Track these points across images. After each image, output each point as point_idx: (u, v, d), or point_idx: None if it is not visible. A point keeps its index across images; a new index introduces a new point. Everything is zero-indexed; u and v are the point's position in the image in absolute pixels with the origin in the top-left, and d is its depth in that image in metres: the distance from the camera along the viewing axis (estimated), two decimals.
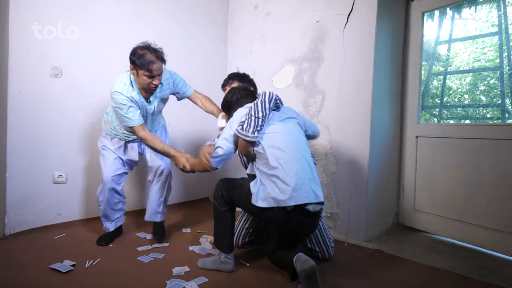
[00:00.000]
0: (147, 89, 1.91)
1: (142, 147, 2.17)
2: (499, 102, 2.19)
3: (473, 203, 2.16)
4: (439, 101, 2.51)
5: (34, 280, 1.57)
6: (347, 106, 2.32)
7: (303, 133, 1.76)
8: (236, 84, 2.04)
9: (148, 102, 1.99)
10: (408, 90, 2.47)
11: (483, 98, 2.35)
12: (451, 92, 2.49)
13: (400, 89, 2.49)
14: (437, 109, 2.52)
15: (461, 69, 2.46)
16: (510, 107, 2.15)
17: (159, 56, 1.85)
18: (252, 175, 1.69)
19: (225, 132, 1.72)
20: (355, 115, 2.28)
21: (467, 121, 2.38)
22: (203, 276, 1.64)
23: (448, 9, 2.38)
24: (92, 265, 1.75)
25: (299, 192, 1.51)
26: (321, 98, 2.47)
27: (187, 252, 1.98)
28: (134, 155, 2.13)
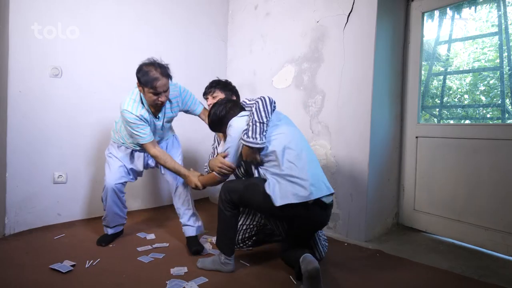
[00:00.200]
0: (155, 106, 1.89)
1: (149, 158, 2.12)
2: (499, 102, 2.19)
3: (473, 203, 2.16)
4: (439, 101, 2.51)
5: (34, 280, 1.57)
6: (347, 106, 2.32)
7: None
8: (218, 93, 2.01)
9: (157, 118, 1.96)
10: (408, 90, 2.47)
11: (483, 98, 2.35)
12: (451, 92, 2.49)
13: (400, 89, 2.49)
14: (437, 109, 2.52)
15: (461, 69, 2.46)
16: (510, 107, 2.15)
17: (164, 72, 1.80)
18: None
19: (228, 143, 1.70)
20: (355, 115, 2.28)
21: (467, 121, 2.38)
22: (203, 276, 1.64)
23: (448, 9, 2.38)
24: (92, 265, 1.75)
25: (316, 186, 1.56)
26: (321, 98, 2.47)
27: (187, 252, 1.98)
28: (139, 165, 2.10)
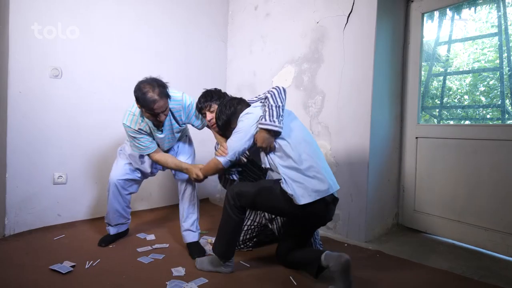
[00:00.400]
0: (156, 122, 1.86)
1: None
2: (499, 102, 2.19)
3: (473, 203, 2.16)
4: (439, 102, 2.51)
5: (34, 281, 1.57)
6: (347, 106, 2.32)
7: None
8: (215, 106, 1.88)
9: (160, 131, 1.93)
10: (408, 90, 2.47)
11: (483, 98, 2.35)
12: (451, 92, 2.49)
13: (400, 89, 2.49)
14: (437, 110, 2.52)
15: (461, 69, 2.47)
16: (510, 107, 2.15)
17: (162, 93, 1.74)
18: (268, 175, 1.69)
19: (238, 127, 1.67)
20: (355, 115, 2.28)
21: (467, 122, 2.38)
22: (203, 277, 1.64)
23: (448, 10, 2.38)
24: (92, 266, 1.75)
25: (332, 180, 1.59)
26: (321, 99, 2.47)
27: (187, 253, 1.98)
28: (147, 166, 2.08)
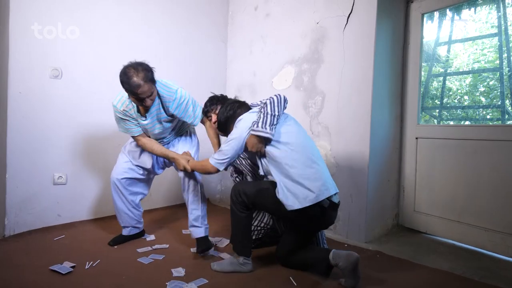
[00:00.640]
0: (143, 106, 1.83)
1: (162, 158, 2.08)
2: (499, 103, 2.19)
3: (473, 204, 2.16)
4: (439, 102, 2.51)
5: (33, 281, 1.57)
6: (347, 107, 2.32)
7: None
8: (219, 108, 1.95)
9: (144, 117, 1.90)
10: (408, 91, 2.47)
11: (483, 99, 2.35)
12: (451, 93, 2.49)
13: (400, 90, 2.49)
14: (437, 110, 2.52)
15: (460, 70, 2.47)
16: (510, 108, 2.15)
17: (147, 77, 1.69)
18: (268, 178, 1.70)
19: (233, 134, 1.70)
20: (355, 116, 2.28)
21: (467, 122, 2.38)
22: (203, 277, 1.64)
23: (447, 10, 2.38)
24: (92, 266, 1.75)
25: (326, 185, 1.59)
26: (321, 99, 2.47)
27: (187, 253, 1.98)
28: (147, 162, 2.04)
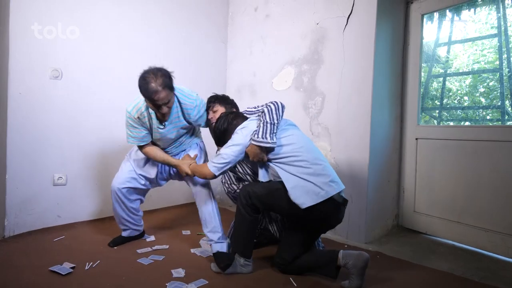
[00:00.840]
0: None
1: (168, 168, 2.05)
2: (499, 104, 2.19)
3: (473, 204, 2.16)
4: (439, 103, 2.51)
5: (33, 282, 1.57)
6: (347, 108, 2.32)
7: None
8: (218, 107, 2.01)
9: (162, 125, 1.85)
10: (408, 92, 2.47)
11: (482, 100, 2.35)
12: (450, 94, 2.49)
13: (400, 91, 2.49)
14: (437, 111, 2.53)
15: (460, 71, 2.47)
16: (509, 109, 2.15)
17: (165, 83, 1.66)
18: (270, 181, 1.71)
19: (233, 140, 1.70)
20: (355, 116, 2.28)
21: (467, 123, 2.38)
22: (203, 278, 1.64)
23: (447, 11, 2.38)
24: (91, 267, 1.75)
25: (335, 180, 1.62)
26: (321, 100, 2.48)
27: (187, 254, 1.98)
28: (151, 172, 2.01)
